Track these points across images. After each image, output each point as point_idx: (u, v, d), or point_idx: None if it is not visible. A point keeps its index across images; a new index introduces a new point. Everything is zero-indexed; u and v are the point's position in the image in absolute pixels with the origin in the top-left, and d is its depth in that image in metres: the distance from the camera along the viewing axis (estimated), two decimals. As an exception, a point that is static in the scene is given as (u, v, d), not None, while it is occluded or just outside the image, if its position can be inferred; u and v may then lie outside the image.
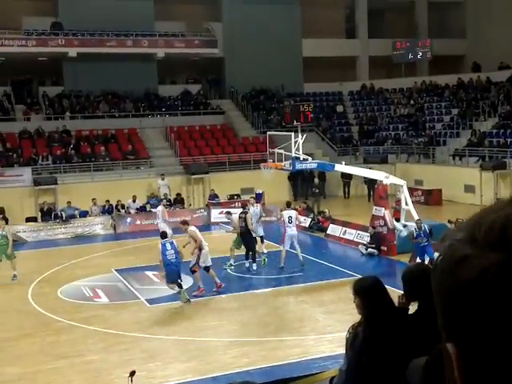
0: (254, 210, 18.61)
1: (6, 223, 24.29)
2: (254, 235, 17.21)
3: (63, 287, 15.71)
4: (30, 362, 10.99)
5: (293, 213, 17.22)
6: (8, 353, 11.54)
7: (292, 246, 16.99)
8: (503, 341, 0.65)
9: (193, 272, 14.79)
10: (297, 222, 17.29)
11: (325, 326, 12.19)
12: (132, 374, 8.27)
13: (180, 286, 14.16)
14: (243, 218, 16.85)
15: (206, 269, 14.81)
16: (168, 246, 14.15)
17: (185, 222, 15.68)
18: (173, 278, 14.07)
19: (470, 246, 0.69)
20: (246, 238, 16.89)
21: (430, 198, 26.35)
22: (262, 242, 18.66)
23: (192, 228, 15.16)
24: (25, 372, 10.57)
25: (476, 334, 0.67)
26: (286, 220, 16.93)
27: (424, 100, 35.04)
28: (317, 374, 9.17)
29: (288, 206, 18.04)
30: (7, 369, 10.75)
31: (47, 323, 13.26)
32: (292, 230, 16.92)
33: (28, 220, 24.86)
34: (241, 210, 17.93)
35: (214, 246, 17.06)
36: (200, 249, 14.72)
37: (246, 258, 16.94)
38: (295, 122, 20.17)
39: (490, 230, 0.68)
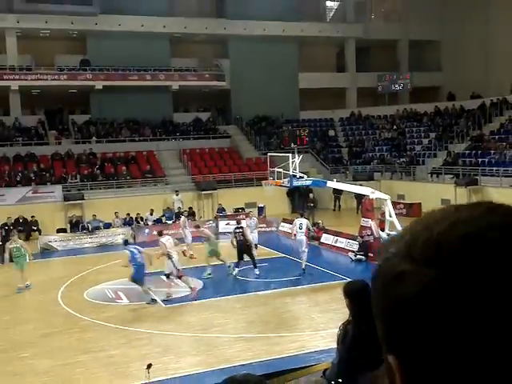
0: (251, 222, 19.20)
1: (39, 234, 24.40)
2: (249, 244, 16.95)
3: (89, 290, 15.62)
4: (59, 356, 10.89)
5: (304, 221, 17.28)
6: (42, 347, 11.44)
7: (298, 251, 16.91)
8: (441, 354, 0.60)
9: (179, 277, 14.59)
10: (307, 230, 17.21)
11: (319, 323, 12.06)
12: (149, 366, 8.18)
13: (144, 286, 14.17)
14: (240, 232, 16.52)
15: (167, 276, 14.58)
16: (135, 250, 14.25)
17: (160, 233, 15.41)
18: (140, 277, 14.06)
19: (407, 262, 0.63)
20: (244, 249, 16.56)
21: (411, 211, 26.21)
22: (256, 248, 18.70)
23: (162, 240, 14.74)
24: (55, 365, 10.47)
25: (415, 347, 0.61)
26: (297, 226, 16.97)
27: (405, 125, 35.03)
28: (312, 366, 9.07)
29: (301, 215, 18.25)
30: (41, 361, 10.66)
31: (74, 322, 13.17)
32: (301, 236, 16.92)
33: (59, 231, 24.81)
34: (235, 225, 17.37)
35: (223, 253, 17.01)
36: (169, 257, 14.43)
37: (237, 266, 16.50)
38: (292, 145, 20.21)
39: (426, 247, 0.62)
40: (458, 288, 0.59)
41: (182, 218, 21.65)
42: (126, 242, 15.18)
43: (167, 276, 14.72)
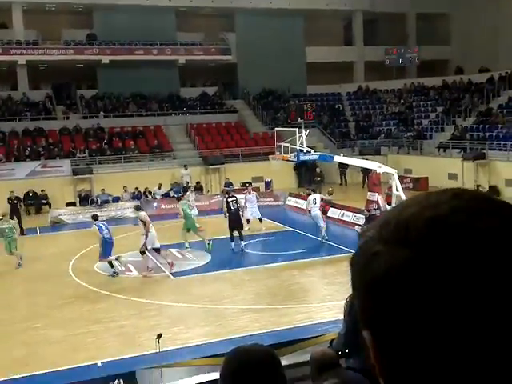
0: (251, 196, 19.30)
1: (49, 207, 24.57)
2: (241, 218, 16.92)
3: (99, 263, 15.78)
4: (71, 326, 11.05)
5: (317, 196, 17.70)
6: (53, 318, 11.61)
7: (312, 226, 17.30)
8: (408, 330, 0.63)
9: (142, 253, 14.51)
10: (320, 203, 17.51)
11: (326, 295, 12.15)
12: (159, 336, 8.30)
13: (110, 262, 14.29)
14: (234, 200, 16.49)
15: (157, 250, 14.53)
16: (102, 226, 14.40)
17: (138, 208, 15.42)
18: (108, 252, 14.25)
19: (380, 243, 0.66)
20: (236, 219, 16.39)
21: (418, 185, 26.13)
22: (260, 221, 19.08)
23: (142, 213, 14.83)
24: (67, 334, 10.64)
25: (385, 324, 0.65)
26: (311, 202, 17.27)
27: (413, 99, 34.67)
28: (319, 336, 9.18)
29: (313, 191, 18.54)
30: (54, 331, 10.83)
31: (85, 293, 13.33)
32: (315, 210, 17.24)
33: (68, 205, 24.97)
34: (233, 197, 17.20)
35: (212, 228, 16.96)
36: (147, 233, 14.41)
37: (232, 240, 16.36)
38: (299, 119, 20.09)
39: (396, 229, 0.66)
40: (424, 268, 0.62)
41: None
42: (95, 217, 15.09)
43: (158, 251, 14.61)
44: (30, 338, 10.56)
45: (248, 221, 19.13)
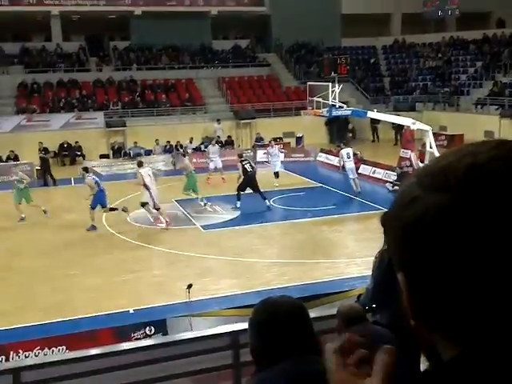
0: (273, 150, 19.52)
1: (83, 159, 24.98)
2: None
3: (131, 214, 16.08)
4: (104, 275, 11.39)
5: (350, 150, 17.74)
6: (88, 266, 11.97)
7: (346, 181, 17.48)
8: (442, 271, 0.65)
9: (157, 209, 14.82)
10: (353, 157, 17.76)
11: (354, 251, 12.18)
12: (189, 286, 8.50)
13: (108, 209, 14.95)
14: (249, 163, 16.42)
15: (156, 207, 14.79)
16: (96, 178, 15.15)
17: (139, 164, 15.52)
18: (102, 201, 14.79)
19: (419, 189, 0.69)
20: (252, 180, 16.15)
21: (453, 142, 25.51)
22: (276, 176, 19.01)
23: (142, 170, 14.95)
24: (101, 282, 10.99)
25: (420, 265, 0.67)
26: (345, 156, 17.35)
27: (451, 54, 33.46)
28: (346, 291, 9.27)
29: (345, 145, 18.49)
30: (88, 279, 11.19)
31: (118, 243, 13.66)
32: (350, 164, 17.43)
33: (101, 157, 25.33)
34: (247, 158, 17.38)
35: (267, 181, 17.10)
36: (147, 189, 14.60)
37: (264, 198, 16.16)
38: (333, 74, 19.73)
39: (436, 175, 0.68)
40: (461, 212, 0.64)
41: (209, 146, 21.66)
42: (86, 169, 15.39)
43: (143, 205, 14.89)
44: (67, 284, 10.95)
45: (276, 175, 19.06)
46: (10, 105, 27.39)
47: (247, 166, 16.26)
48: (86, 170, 15.46)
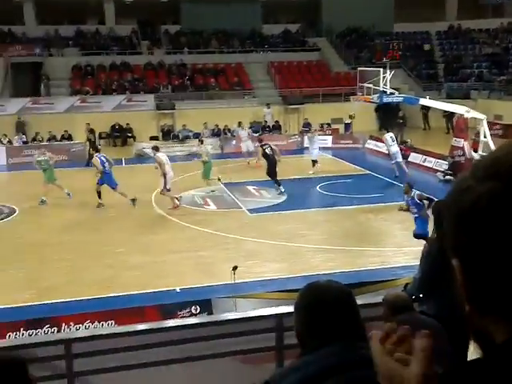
0: (312, 136, 19.50)
1: (134, 140, 25.44)
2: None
3: (180, 194, 16.27)
4: (151, 253, 11.60)
5: (391, 134, 17.88)
6: (134, 245, 12.19)
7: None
8: (495, 255, 0.68)
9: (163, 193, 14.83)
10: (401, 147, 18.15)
11: (402, 241, 11.93)
12: (235, 268, 8.55)
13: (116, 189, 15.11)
14: (269, 147, 16.32)
15: (168, 190, 14.80)
16: (103, 158, 15.17)
17: (155, 148, 15.43)
18: (107, 182, 15.03)
19: (472, 180, 0.73)
20: (274, 164, 16.11)
21: (508, 132, 24.60)
22: (313, 164, 18.75)
23: (159, 154, 14.93)
24: (147, 261, 11.18)
25: (474, 250, 0.70)
26: (389, 140, 17.29)
27: (509, 40, 32.15)
28: (393, 280, 9.12)
29: (387, 130, 18.54)
30: (134, 257, 11.42)
31: (166, 224, 13.88)
32: (395, 147, 17.46)
33: (151, 139, 25.73)
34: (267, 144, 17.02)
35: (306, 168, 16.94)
36: (164, 174, 14.57)
37: (279, 184, 16.11)
38: (384, 59, 19.40)
39: (488, 165, 0.72)
40: (509, 199, 0.67)
41: (240, 130, 22.45)
42: (156, 148, 15.57)
43: (169, 190, 14.86)
44: (114, 261, 11.21)
45: (314, 163, 18.83)
46: (65, 86, 28.14)
47: (268, 150, 16.30)
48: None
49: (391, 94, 18.89)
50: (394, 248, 11.58)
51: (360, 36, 33.47)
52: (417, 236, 10.34)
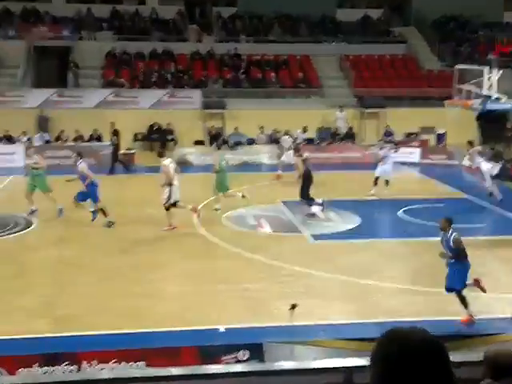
0: (390, 152, 19.49)
1: (175, 145, 25.89)
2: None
3: (228, 213, 16.37)
4: (192, 282, 11.71)
5: (480, 147, 18.52)
6: (173, 270, 12.38)
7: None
8: None
9: (167, 209, 15.01)
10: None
11: (508, 284, 11.61)
12: (293, 307, 8.56)
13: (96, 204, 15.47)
14: (306, 159, 17.02)
15: (174, 204, 15.05)
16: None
17: (160, 155, 15.81)
18: (93, 195, 15.33)
19: None
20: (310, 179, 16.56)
21: None
22: (386, 184, 18.89)
23: (165, 162, 15.24)
24: (184, 291, 11.28)
25: None
26: (475, 155, 17.63)
27: None
28: (495, 334, 8.87)
29: (470, 143, 18.74)
30: (169, 286, 11.56)
31: (211, 247, 14.02)
32: (486, 165, 17.63)
33: (196, 143, 26.12)
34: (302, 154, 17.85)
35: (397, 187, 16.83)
36: (170, 184, 14.87)
37: (321, 204, 16.45)
38: (491, 56, 19.21)
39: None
40: None
41: (284, 137, 23.11)
42: (80, 154, 15.99)
43: (174, 204, 15.16)
44: (147, 289, 11.37)
45: (376, 180, 18.72)
46: (96, 76, 29.02)
47: (308, 164, 16.84)
48: (79, 155, 16.14)
49: (497, 99, 18.69)
50: (497, 294, 11.24)
51: (459, 26, 33.21)
52: (448, 289, 10.08)
